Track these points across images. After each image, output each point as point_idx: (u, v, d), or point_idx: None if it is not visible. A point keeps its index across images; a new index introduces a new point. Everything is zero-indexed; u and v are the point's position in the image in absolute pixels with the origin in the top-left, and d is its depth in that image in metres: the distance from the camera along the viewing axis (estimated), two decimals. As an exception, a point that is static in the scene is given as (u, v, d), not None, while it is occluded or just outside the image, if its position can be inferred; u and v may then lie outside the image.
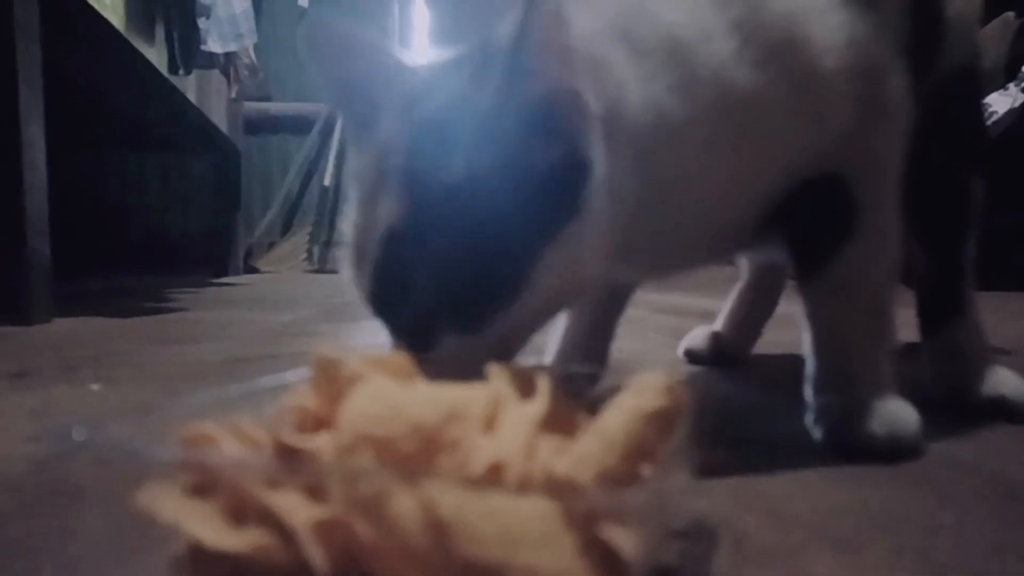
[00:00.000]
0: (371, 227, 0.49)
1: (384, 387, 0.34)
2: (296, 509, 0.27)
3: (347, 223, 0.52)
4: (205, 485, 0.29)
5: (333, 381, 0.35)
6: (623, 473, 0.29)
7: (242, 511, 0.28)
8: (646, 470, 0.30)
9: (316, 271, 3.93)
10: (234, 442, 0.32)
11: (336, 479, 0.27)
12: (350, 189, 0.53)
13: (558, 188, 0.47)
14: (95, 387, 0.84)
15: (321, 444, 0.32)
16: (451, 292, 0.47)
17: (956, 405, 0.71)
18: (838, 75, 0.56)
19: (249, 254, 3.98)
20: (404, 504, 0.25)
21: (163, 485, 0.29)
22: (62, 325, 1.43)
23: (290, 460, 0.31)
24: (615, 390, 0.33)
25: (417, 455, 0.30)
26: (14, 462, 0.54)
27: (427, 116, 0.49)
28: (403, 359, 0.39)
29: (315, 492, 0.28)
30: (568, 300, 0.53)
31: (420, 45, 3.97)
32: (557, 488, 0.28)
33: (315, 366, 0.36)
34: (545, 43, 0.45)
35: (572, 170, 0.48)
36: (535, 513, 0.25)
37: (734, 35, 0.53)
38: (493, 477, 0.28)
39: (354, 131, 0.54)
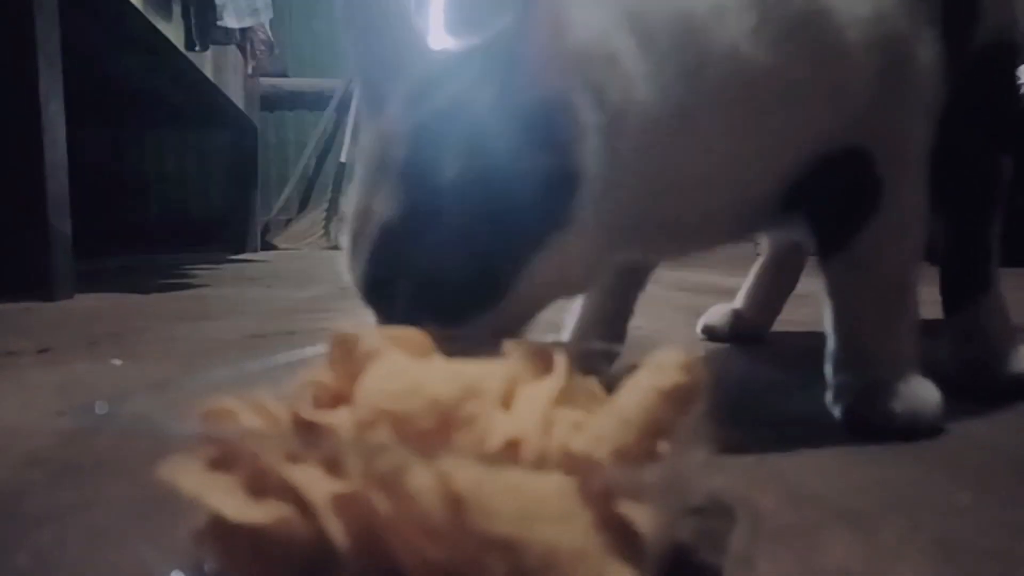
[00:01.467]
0: (369, 216, 0.49)
1: (401, 363, 0.34)
2: (315, 483, 0.27)
3: (348, 205, 0.52)
4: (226, 459, 0.30)
5: (350, 357, 0.35)
6: (640, 450, 0.29)
7: (262, 485, 0.28)
8: (663, 447, 0.30)
9: (333, 248, 3.95)
10: (253, 416, 0.32)
11: (354, 454, 0.27)
12: (355, 168, 0.53)
13: (548, 197, 0.47)
14: (117, 362, 0.85)
15: (339, 419, 0.32)
16: (437, 289, 0.47)
17: (978, 384, 0.70)
18: (861, 48, 0.54)
19: (266, 230, 3.99)
20: (421, 479, 0.25)
21: (184, 459, 0.30)
22: (83, 301, 1.45)
23: (308, 435, 0.31)
24: (632, 367, 0.33)
25: (434, 431, 0.30)
26: (40, 436, 0.55)
27: (431, 110, 0.49)
28: (419, 335, 0.39)
29: (333, 466, 0.28)
30: (554, 300, 0.53)
31: (437, 22, 3.94)
32: (574, 464, 0.28)
33: (332, 342, 0.36)
34: (541, 48, 0.45)
35: (563, 180, 0.48)
36: (552, 490, 0.25)
37: (751, 11, 0.52)
38: (510, 453, 0.29)
39: (367, 108, 0.53)
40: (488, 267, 0.47)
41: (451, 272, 0.47)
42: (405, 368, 0.33)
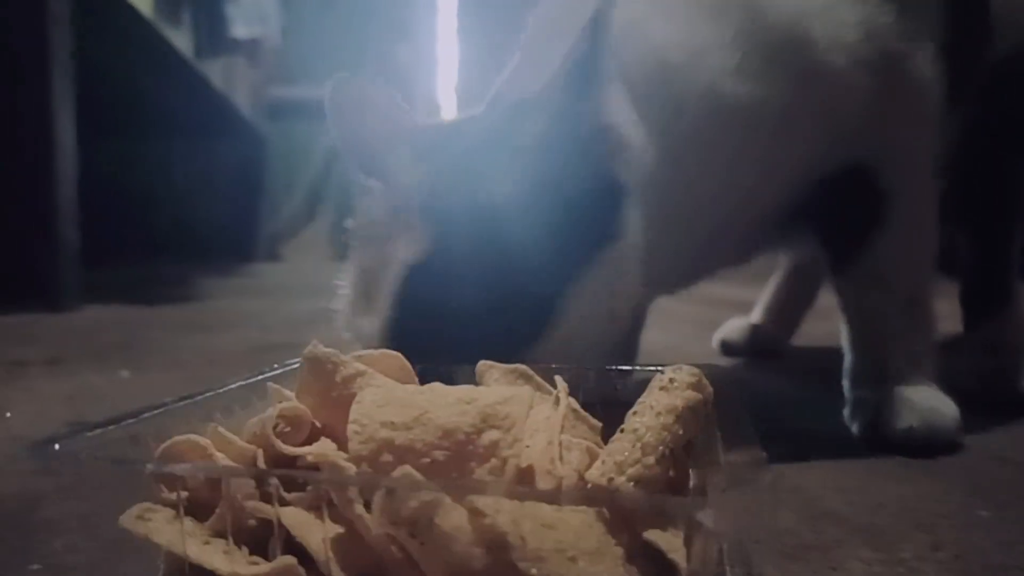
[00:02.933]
0: (383, 268, 0.49)
1: (398, 389, 0.31)
2: (309, 527, 0.25)
3: (346, 274, 0.52)
4: (194, 500, 0.28)
5: (326, 382, 0.32)
6: (660, 474, 0.28)
7: (236, 527, 0.27)
8: (682, 469, 0.29)
9: (339, 258, 3.95)
10: (220, 452, 0.30)
11: (379, 493, 0.24)
12: (350, 243, 0.54)
13: (593, 213, 0.48)
14: (125, 374, 0.85)
15: (322, 452, 0.29)
16: (478, 322, 0.46)
17: (1000, 398, 0.69)
18: (849, 70, 0.55)
19: (274, 241, 4.00)
20: (455, 518, 0.23)
21: (149, 505, 0.28)
22: (91, 312, 1.45)
23: (290, 471, 0.29)
24: (644, 384, 0.32)
25: (449, 463, 0.27)
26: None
27: (446, 160, 0.50)
28: (397, 357, 0.36)
29: (318, 506, 0.26)
30: (604, 331, 0.51)
31: (445, 33, 3.96)
32: (601, 495, 0.27)
33: (305, 365, 0.33)
34: (597, 83, 0.47)
35: (608, 194, 0.48)
36: (581, 522, 0.24)
37: (732, 48, 0.53)
38: (528, 483, 0.27)
39: (363, 180, 0.54)
40: (536, 289, 0.47)
41: (493, 300, 0.46)
42: (405, 395, 0.30)
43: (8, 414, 0.66)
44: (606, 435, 0.35)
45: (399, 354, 0.37)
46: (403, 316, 0.48)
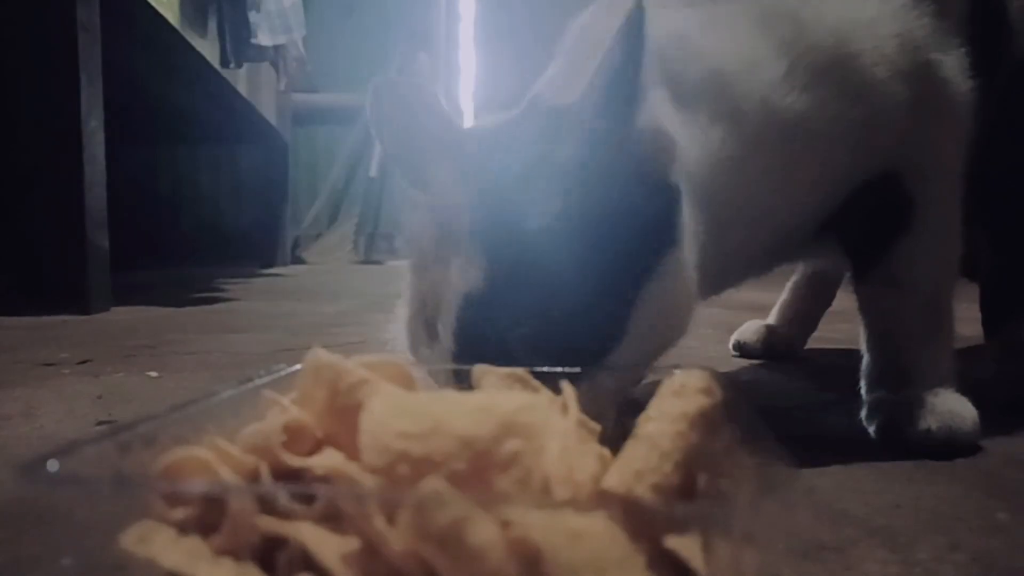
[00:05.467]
0: (441, 295, 0.48)
1: (410, 398, 0.30)
2: (324, 542, 0.24)
3: (405, 294, 0.51)
4: (199, 518, 0.26)
5: (330, 390, 0.31)
6: (678, 481, 0.28)
7: (239, 545, 0.25)
8: (699, 474, 0.29)
9: (362, 262, 3.98)
10: (223, 467, 0.28)
11: (406, 507, 0.23)
12: (407, 257, 0.52)
13: (652, 220, 0.47)
14: (153, 374, 0.87)
15: (329, 464, 0.28)
16: (550, 344, 0.45)
17: (1017, 402, 0.69)
18: (892, 82, 0.55)
19: (296, 245, 4.03)
20: (486, 533, 0.22)
21: (149, 524, 0.26)
22: (120, 314, 1.47)
23: (297, 484, 0.28)
24: (655, 390, 0.32)
25: (469, 474, 0.26)
26: (80, 446, 0.56)
27: (494, 178, 0.48)
28: (400, 365, 0.35)
29: (331, 520, 0.25)
30: (672, 334, 0.51)
31: (465, 37, 3.98)
32: (618, 502, 0.26)
33: (306, 373, 0.32)
34: (633, 90, 0.45)
35: (663, 200, 0.48)
36: (604, 532, 0.23)
37: (781, 59, 0.53)
38: (548, 494, 0.26)
39: (409, 187, 0.53)
40: (603, 303, 0.46)
41: (562, 320, 0.45)
42: (418, 403, 0.28)
43: (39, 414, 0.68)
44: (611, 439, 0.35)
45: (401, 360, 0.36)
46: (466, 349, 0.47)
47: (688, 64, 0.53)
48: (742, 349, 1.01)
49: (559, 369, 0.38)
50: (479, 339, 0.47)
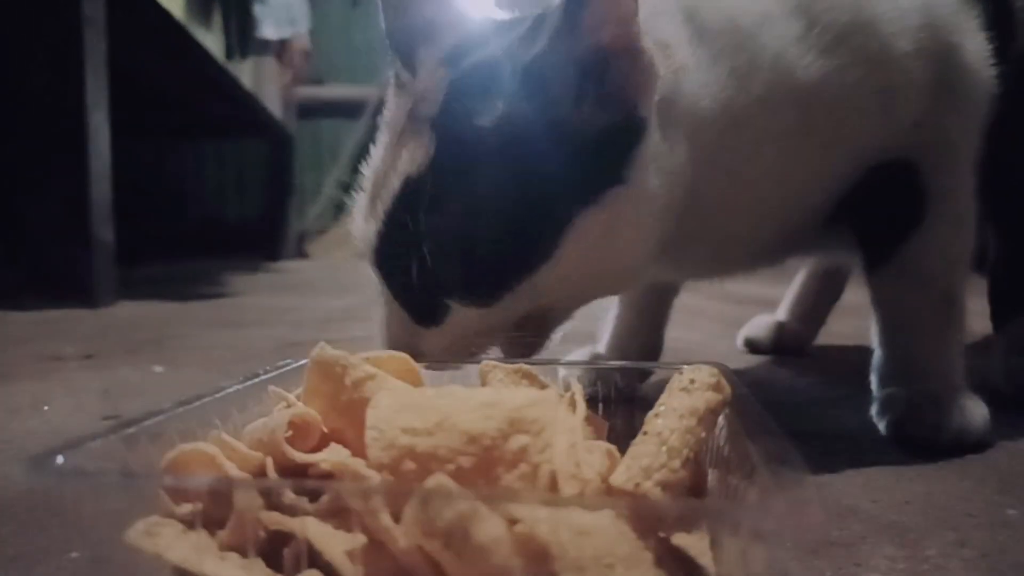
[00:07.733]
0: (389, 174, 0.47)
1: (416, 393, 0.30)
2: (330, 538, 0.24)
3: (366, 169, 0.51)
4: (205, 513, 0.27)
5: (335, 386, 0.31)
6: (687, 478, 0.28)
7: (244, 539, 0.25)
8: (701, 471, 0.29)
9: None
10: (228, 462, 0.29)
11: (411, 503, 0.23)
12: (379, 136, 0.52)
13: (606, 149, 0.45)
14: (158, 369, 0.87)
15: (335, 459, 0.28)
16: (467, 251, 0.44)
17: None
18: (912, 57, 0.54)
19: (302, 239, 4.04)
20: (492, 529, 0.22)
21: (155, 519, 0.27)
22: (125, 309, 1.48)
23: (302, 479, 0.28)
24: (663, 385, 0.32)
25: (476, 470, 0.26)
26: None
27: (467, 67, 0.48)
28: (403, 359, 0.35)
29: (335, 515, 0.25)
30: (603, 283, 0.50)
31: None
32: (625, 498, 0.26)
33: (312, 368, 0.32)
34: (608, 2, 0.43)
35: (624, 133, 0.46)
36: (611, 528, 0.23)
37: (798, 18, 0.52)
38: (555, 490, 0.26)
39: (398, 79, 0.53)
40: (531, 221, 0.44)
41: (486, 229, 0.44)
42: (424, 399, 0.28)
43: (46, 407, 0.68)
44: (620, 434, 0.35)
45: (406, 356, 0.36)
46: (392, 231, 0.47)
47: (709, 10, 0.52)
48: (751, 345, 1.00)
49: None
50: (401, 233, 0.46)
